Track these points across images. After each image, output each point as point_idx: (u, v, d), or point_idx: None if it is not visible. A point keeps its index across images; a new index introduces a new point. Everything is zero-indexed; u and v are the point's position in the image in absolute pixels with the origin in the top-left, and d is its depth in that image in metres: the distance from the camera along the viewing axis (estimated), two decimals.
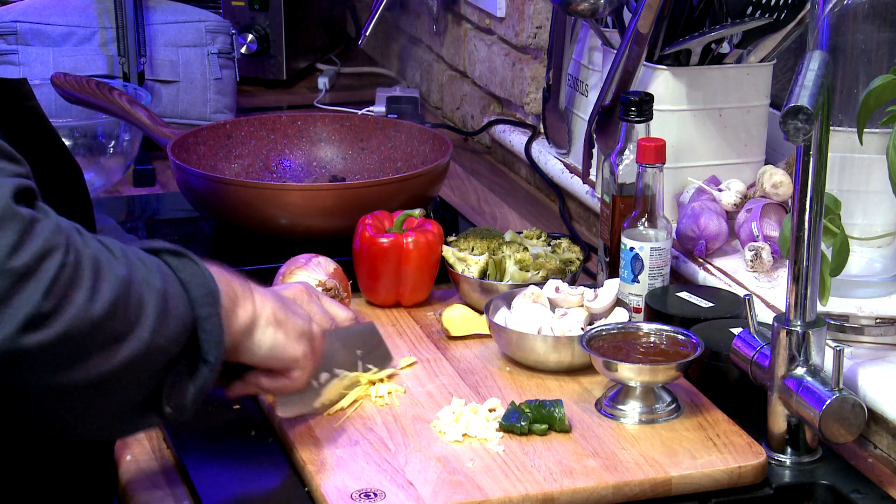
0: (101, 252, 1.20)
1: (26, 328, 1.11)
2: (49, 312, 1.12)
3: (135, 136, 2.33)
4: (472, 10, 2.68)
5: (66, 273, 1.14)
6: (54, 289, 1.13)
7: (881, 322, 1.65)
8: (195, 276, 1.29)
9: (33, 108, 1.39)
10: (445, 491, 1.42)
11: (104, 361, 1.17)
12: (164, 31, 2.58)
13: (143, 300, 1.21)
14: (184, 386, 1.27)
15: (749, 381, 1.56)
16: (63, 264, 1.14)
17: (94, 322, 1.15)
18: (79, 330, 1.14)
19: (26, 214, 1.13)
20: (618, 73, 1.94)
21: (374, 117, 2.32)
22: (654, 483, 1.46)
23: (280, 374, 1.44)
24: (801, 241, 1.46)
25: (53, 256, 1.13)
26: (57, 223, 1.16)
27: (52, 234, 1.14)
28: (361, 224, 1.87)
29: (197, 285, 1.28)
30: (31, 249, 1.12)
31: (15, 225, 1.12)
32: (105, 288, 1.17)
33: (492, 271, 1.85)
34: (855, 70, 1.66)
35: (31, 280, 1.12)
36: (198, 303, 1.27)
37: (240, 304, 1.36)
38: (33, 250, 1.12)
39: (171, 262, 1.29)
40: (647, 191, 1.76)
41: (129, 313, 1.19)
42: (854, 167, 1.69)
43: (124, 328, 1.18)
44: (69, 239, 1.16)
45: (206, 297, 1.28)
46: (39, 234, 1.13)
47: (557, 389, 1.64)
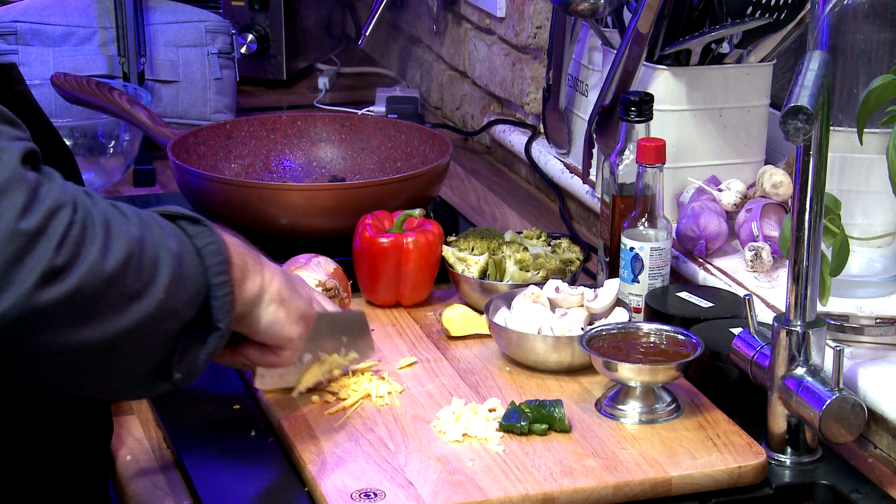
0: (112, 212, 1.21)
1: (41, 284, 1.12)
2: (62, 267, 1.13)
3: (135, 136, 2.33)
4: (472, 10, 2.68)
5: (75, 229, 1.15)
6: (65, 244, 1.14)
7: (881, 322, 1.65)
8: (210, 243, 1.30)
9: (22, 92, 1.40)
10: (445, 491, 1.42)
11: (118, 319, 1.18)
12: (164, 31, 2.58)
13: (157, 260, 1.22)
14: (195, 352, 1.29)
15: (749, 381, 1.56)
16: (72, 221, 1.15)
17: (107, 277, 1.16)
18: (92, 285, 1.15)
19: (32, 177, 1.15)
20: (618, 73, 1.94)
21: (374, 117, 2.32)
22: (654, 483, 1.46)
23: (270, 350, 1.46)
24: (801, 241, 1.46)
25: (61, 213, 1.15)
26: (62, 184, 1.17)
27: (60, 193, 1.16)
28: (361, 224, 1.87)
29: (211, 253, 1.29)
30: (40, 209, 1.13)
31: (23, 187, 1.13)
32: (117, 244, 1.18)
33: (492, 271, 1.85)
34: (855, 70, 1.66)
35: (42, 238, 1.13)
36: (212, 270, 1.29)
37: (249, 275, 1.37)
38: (42, 210, 1.13)
39: (187, 227, 1.30)
40: (647, 191, 1.76)
41: (142, 272, 1.20)
42: (854, 167, 1.69)
43: (138, 286, 1.20)
44: (76, 198, 1.17)
45: (219, 265, 1.29)
46: (47, 195, 1.15)
47: (557, 389, 1.64)
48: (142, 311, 1.20)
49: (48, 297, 1.13)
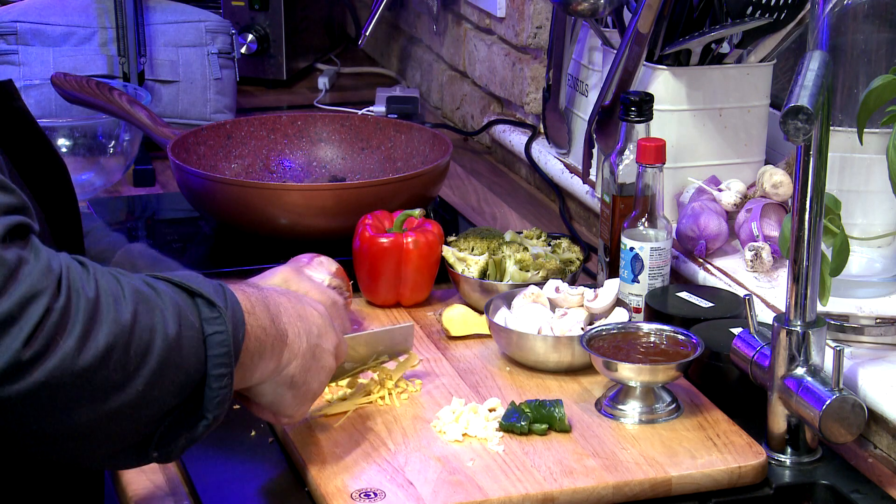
0: (106, 292, 1.14)
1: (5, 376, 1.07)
2: (29, 361, 1.08)
3: (135, 136, 2.33)
4: (472, 10, 2.68)
5: (51, 319, 1.09)
6: (36, 336, 1.08)
7: (881, 322, 1.65)
8: (219, 332, 1.22)
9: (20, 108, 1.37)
10: (445, 491, 1.42)
11: (90, 411, 1.13)
12: (164, 31, 2.58)
13: (147, 349, 1.16)
14: (176, 434, 1.23)
15: (749, 381, 1.56)
16: (48, 309, 1.09)
17: (80, 371, 1.11)
18: (61, 379, 1.10)
19: (11, 258, 1.09)
20: (618, 73, 1.94)
21: (374, 117, 2.32)
22: (654, 483, 1.46)
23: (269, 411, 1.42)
24: (801, 241, 1.46)
25: (38, 301, 1.08)
26: (47, 264, 1.11)
27: (40, 277, 1.09)
28: (361, 224, 1.87)
29: (218, 343, 1.22)
30: (13, 295, 1.07)
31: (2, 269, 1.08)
32: (100, 335, 1.12)
33: (492, 271, 1.85)
34: (855, 70, 1.66)
35: (11, 327, 1.07)
36: (213, 361, 1.22)
37: (265, 359, 1.31)
38: (16, 296, 1.08)
39: (202, 310, 1.22)
40: (647, 191, 1.76)
41: (127, 362, 1.14)
42: (854, 167, 1.69)
43: (117, 378, 1.14)
44: (62, 280, 1.11)
45: (222, 357, 1.22)
46: (25, 279, 1.08)
47: (557, 389, 1.64)
48: (118, 402, 1.14)
49: (9, 391, 1.08)
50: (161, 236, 2.14)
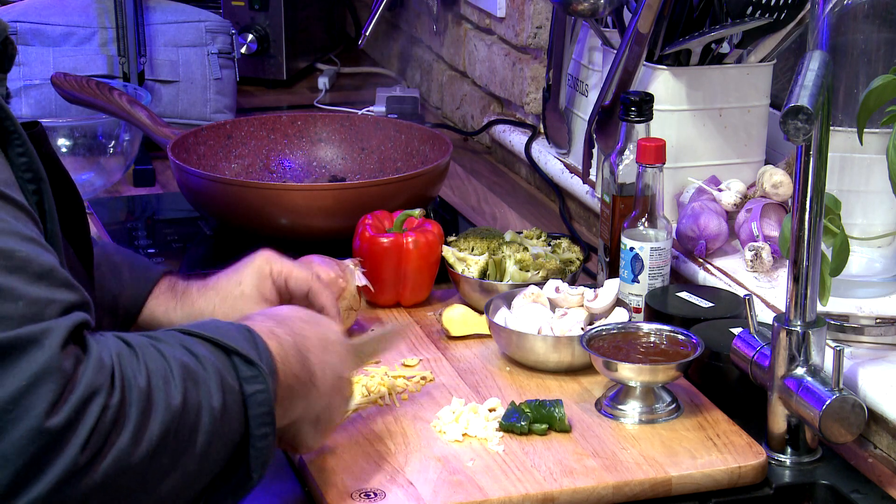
0: (157, 376, 1.13)
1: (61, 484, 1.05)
2: (85, 465, 1.06)
3: (135, 136, 2.33)
4: (472, 10, 2.68)
5: (107, 417, 1.07)
6: (93, 439, 1.06)
7: (881, 322, 1.65)
8: (260, 391, 1.21)
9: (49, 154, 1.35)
10: (445, 491, 1.42)
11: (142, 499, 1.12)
12: (164, 31, 2.58)
13: (195, 427, 1.14)
14: (222, 499, 1.22)
15: (749, 381, 1.56)
16: (104, 407, 1.07)
17: (135, 465, 1.09)
18: (117, 477, 1.08)
19: (68, 366, 1.07)
20: (618, 73, 1.94)
21: (374, 117, 2.32)
22: (654, 483, 1.46)
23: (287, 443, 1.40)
24: (801, 241, 1.46)
25: (95, 402, 1.07)
26: (99, 359, 1.09)
27: (95, 375, 1.08)
28: (361, 224, 1.87)
29: (259, 402, 1.21)
30: (71, 402, 1.06)
31: (56, 379, 1.05)
32: (153, 425, 1.11)
33: (492, 271, 1.85)
34: (855, 70, 1.66)
35: (69, 433, 1.05)
36: (255, 421, 1.20)
37: (294, 403, 1.30)
38: (73, 402, 1.05)
39: (240, 369, 1.21)
40: (647, 191, 1.76)
41: (178, 445, 1.13)
42: (854, 167, 1.69)
43: (168, 462, 1.12)
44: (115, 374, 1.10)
45: (265, 417, 1.21)
46: (81, 382, 1.07)
47: (557, 389, 1.64)
48: (168, 485, 1.13)
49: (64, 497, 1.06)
50: (161, 236, 2.14)
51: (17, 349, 1.05)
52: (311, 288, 1.58)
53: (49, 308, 1.08)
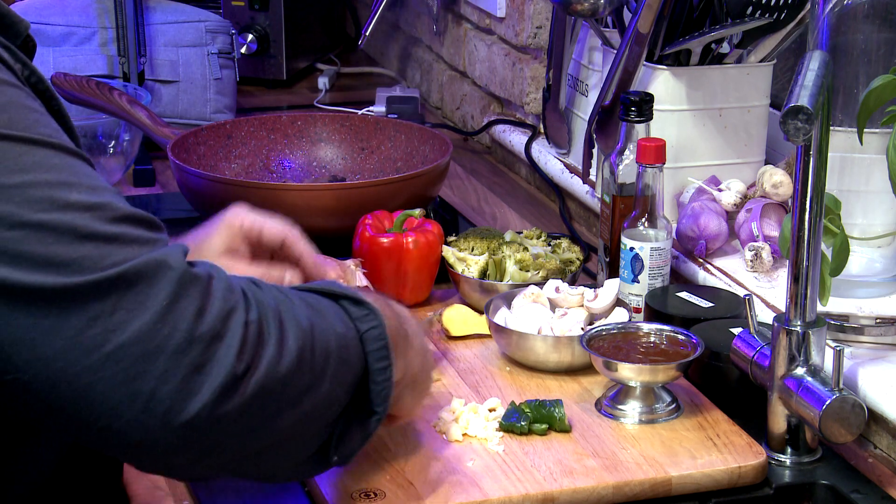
0: (281, 301, 1.18)
1: (224, 392, 1.10)
2: (242, 374, 1.11)
3: (135, 136, 2.33)
4: (472, 10, 2.68)
5: (251, 331, 1.13)
6: (244, 349, 1.12)
7: (881, 322, 1.65)
8: (374, 327, 1.26)
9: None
10: (445, 491, 1.42)
11: (289, 417, 1.16)
12: (164, 31, 2.58)
13: (327, 349, 1.20)
14: (353, 435, 1.26)
15: (749, 381, 1.56)
16: (247, 322, 1.13)
17: (283, 377, 1.15)
18: (270, 388, 1.13)
19: (203, 274, 1.13)
20: (618, 73, 1.94)
21: (374, 117, 2.32)
22: (654, 483, 1.46)
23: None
24: (801, 241, 1.46)
25: (236, 314, 1.13)
26: (227, 279, 1.15)
27: (228, 292, 1.13)
28: (361, 224, 1.87)
29: (374, 337, 1.26)
30: (213, 311, 1.11)
31: (195, 290, 1.11)
32: (291, 339, 1.16)
33: (492, 271, 1.85)
34: (855, 70, 1.66)
35: (221, 343, 1.11)
36: (373, 356, 1.26)
37: (399, 357, 1.32)
38: (216, 312, 1.11)
39: (350, 309, 1.26)
40: (647, 191, 1.76)
41: (314, 364, 1.18)
42: (854, 167, 1.69)
43: (311, 379, 1.18)
44: (247, 293, 1.15)
45: (381, 351, 1.26)
46: (217, 296, 1.12)
47: (557, 389, 1.64)
48: (311, 403, 1.18)
49: (231, 406, 1.11)
50: None
51: (149, 272, 1.10)
52: (285, 238, 1.59)
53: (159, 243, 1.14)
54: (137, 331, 1.08)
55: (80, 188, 1.12)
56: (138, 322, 1.09)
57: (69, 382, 1.08)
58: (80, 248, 1.09)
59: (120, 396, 1.09)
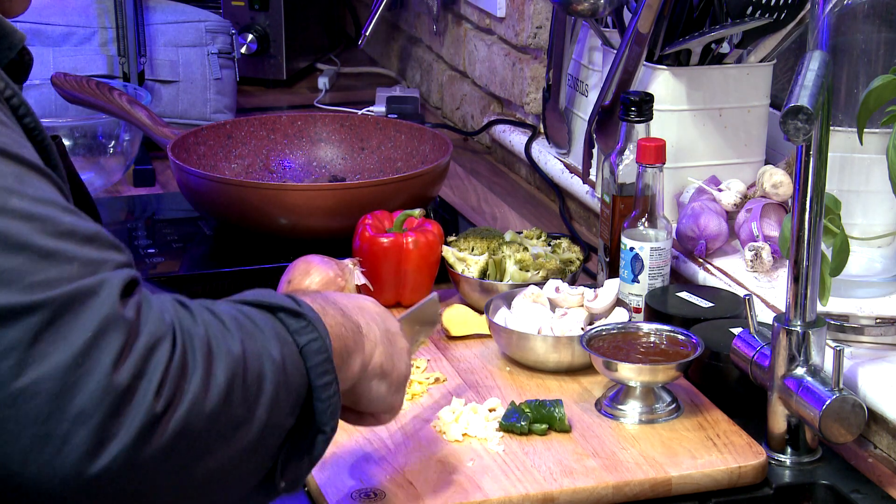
0: (213, 327, 1.12)
1: (142, 436, 1.04)
2: (162, 412, 1.04)
3: (135, 136, 2.33)
4: (472, 10, 2.68)
5: (174, 365, 1.06)
6: (165, 385, 1.05)
7: (881, 322, 1.65)
8: (314, 339, 1.19)
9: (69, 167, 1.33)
10: (445, 491, 1.42)
11: (222, 454, 1.10)
12: (164, 31, 2.58)
13: (261, 376, 1.13)
14: (299, 459, 1.21)
15: (749, 381, 1.56)
16: (171, 356, 1.06)
17: (210, 413, 1.08)
18: (195, 425, 1.07)
19: (131, 314, 1.06)
20: (618, 73, 1.94)
21: (374, 117, 2.32)
22: (654, 483, 1.46)
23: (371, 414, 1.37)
24: (801, 241, 1.46)
25: (160, 350, 1.06)
26: (160, 310, 1.08)
27: (158, 324, 1.07)
28: (361, 224, 1.87)
29: (315, 351, 1.19)
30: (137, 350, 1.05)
31: (119, 328, 1.04)
32: (219, 371, 1.09)
33: (492, 271, 1.85)
34: (855, 70, 1.66)
35: (140, 381, 1.04)
36: (315, 371, 1.19)
37: (352, 356, 1.28)
38: (140, 351, 1.05)
39: (288, 322, 1.19)
40: (647, 191, 1.76)
41: (247, 394, 1.11)
42: (854, 167, 1.69)
43: (243, 412, 1.11)
44: (175, 323, 1.09)
45: (324, 364, 1.19)
46: (144, 329, 1.06)
47: (557, 389, 1.64)
48: (245, 437, 1.11)
49: (151, 449, 1.04)
50: (161, 236, 2.14)
51: (77, 302, 1.04)
52: None
53: (103, 266, 1.07)
54: (55, 367, 1.01)
55: (23, 197, 1.05)
56: (57, 358, 1.01)
57: None
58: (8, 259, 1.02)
59: (30, 438, 1.01)
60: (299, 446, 1.20)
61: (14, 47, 1.25)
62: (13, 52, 1.25)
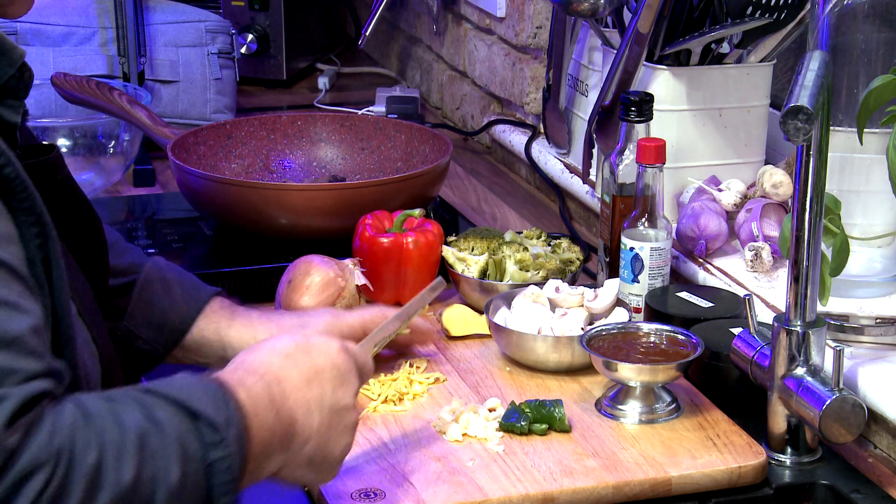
0: (108, 450, 1.08)
1: None
2: None
3: (135, 136, 2.33)
4: (472, 10, 2.68)
5: (47, 493, 1.03)
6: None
7: (881, 322, 1.65)
8: (223, 458, 1.16)
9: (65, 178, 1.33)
10: (445, 491, 1.42)
11: None
12: (164, 31, 2.58)
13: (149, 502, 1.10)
14: None
15: (749, 381, 1.56)
16: (46, 483, 1.03)
17: None
18: None
19: (13, 442, 1.03)
20: (618, 73, 1.94)
21: (374, 117, 2.32)
22: (654, 483, 1.46)
23: None
24: (801, 241, 1.46)
25: (36, 477, 1.02)
26: (50, 433, 1.05)
27: (40, 451, 1.03)
28: (361, 224, 1.87)
29: (222, 470, 1.16)
30: (8, 478, 1.01)
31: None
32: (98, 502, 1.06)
33: (492, 271, 1.85)
34: (855, 70, 1.66)
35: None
36: (218, 489, 1.15)
37: (272, 457, 1.24)
38: (11, 477, 1.01)
39: (204, 433, 1.15)
40: (647, 191, 1.76)
41: None
42: (854, 167, 1.69)
43: None
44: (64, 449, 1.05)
45: (228, 484, 1.16)
46: (23, 457, 1.03)
47: (557, 389, 1.64)
48: None
49: None
50: (161, 236, 2.14)
51: None
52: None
53: (8, 379, 1.04)
54: None
55: None
56: None
57: None
58: None
59: None
60: None
61: (14, 63, 1.24)
62: (13, 69, 1.24)
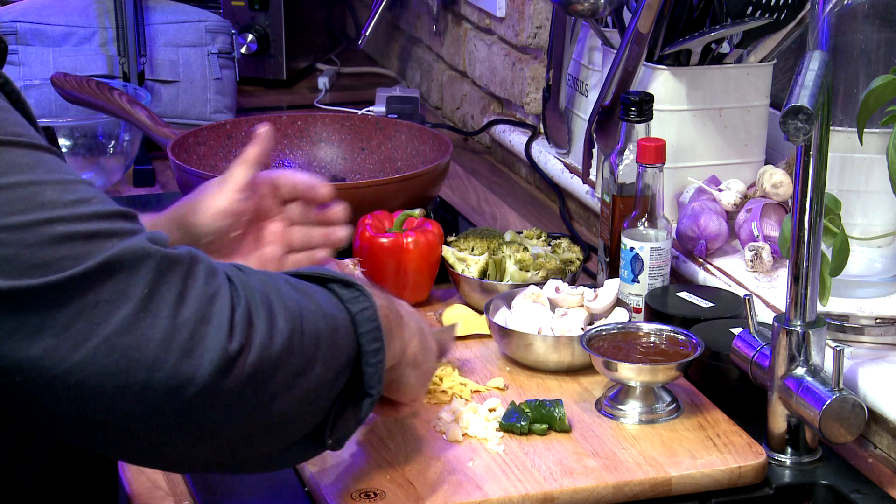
0: (269, 286, 1.18)
1: (219, 373, 1.09)
2: (235, 354, 1.11)
3: (135, 136, 2.33)
4: (472, 10, 2.68)
5: (239, 314, 1.12)
6: (234, 330, 1.11)
7: (881, 322, 1.65)
8: (365, 308, 1.25)
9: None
10: (445, 491, 1.42)
11: (284, 400, 1.16)
12: (164, 31, 2.58)
13: (317, 332, 1.19)
14: (347, 418, 1.26)
15: (749, 381, 1.56)
16: (233, 305, 1.12)
17: (275, 359, 1.14)
18: (264, 369, 1.13)
19: (185, 259, 1.12)
20: (618, 73, 1.94)
21: (374, 117, 2.32)
22: (654, 483, 1.46)
23: (390, 403, 1.41)
24: (801, 241, 1.46)
25: (220, 297, 1.12)
26: (210, 265, 1.14)
27: (209, 277, 1.13)
28: (361, 224, 1.87)
29: (366, 319, 1.25)
30: (196, 295, 1.11)
31: (178, 273, 1.11)
32: (280, 321, 1.15)
33: (492, 271, 1.85)
34: (855, 70, 1.66)
35: (209, 325, 1.10)
36: (365, 337, 1.25)
37: (393, 338, 1.32)
38: (199, 296, 1.11)
39: (340, 292, 1.26)
40: (647, 191, 1.76)
41: (305, 347, 1.17)
42: (854, 167, 1.69)
43: (302, 363, 1.17)
44: (231, 279, 1.15)
45: (374, 332, 1.25)
46: (199, 279, 1.12)
47: (557, 389, 1.64)
48: (304, 387, 1.17)
49: (225, 387, 1.10)
50: None
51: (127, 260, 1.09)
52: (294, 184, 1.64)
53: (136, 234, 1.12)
54: (121, 322, 1.07)
55: (55, 186, 1.10)
56: (121, 312, 1.08)
57: (61, 380, 1.08)
58: (59, 248, 1.07)
59: (113, 389, 1.08)
60: (347, 405, 1.25)
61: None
62: None
